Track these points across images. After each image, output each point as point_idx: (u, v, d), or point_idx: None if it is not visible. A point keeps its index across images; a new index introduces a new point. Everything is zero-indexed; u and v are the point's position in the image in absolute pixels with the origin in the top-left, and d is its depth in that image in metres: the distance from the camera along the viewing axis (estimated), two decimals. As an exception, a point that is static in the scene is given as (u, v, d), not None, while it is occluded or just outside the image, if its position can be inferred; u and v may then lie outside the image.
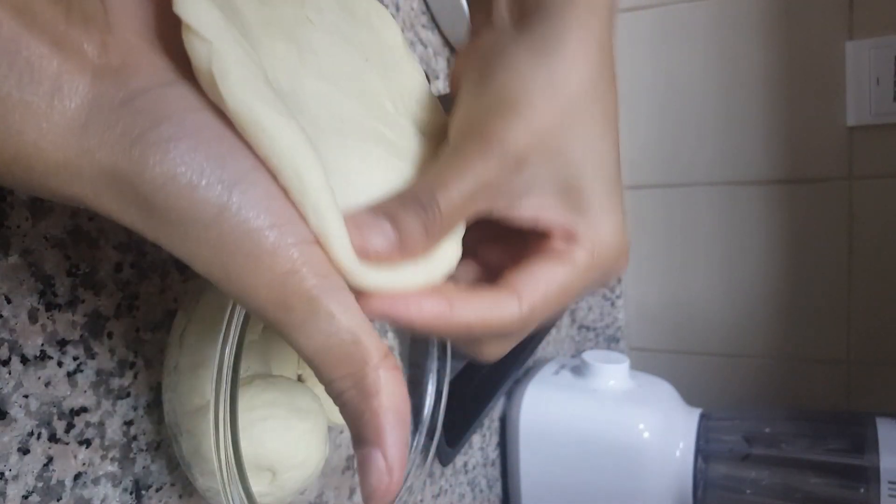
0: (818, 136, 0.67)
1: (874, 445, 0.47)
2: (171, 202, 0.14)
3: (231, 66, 0.14)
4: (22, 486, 0.20)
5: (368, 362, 0.15)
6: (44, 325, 0.21)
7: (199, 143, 0.14)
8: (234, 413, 0.20)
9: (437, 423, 0.31)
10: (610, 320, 0.77)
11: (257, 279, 0.14)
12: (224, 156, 0.14)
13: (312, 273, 0.14)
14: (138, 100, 0.14)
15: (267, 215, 0.14)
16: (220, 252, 0.14)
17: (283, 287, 0.14)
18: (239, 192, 0.14)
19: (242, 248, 0.14)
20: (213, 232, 0.14)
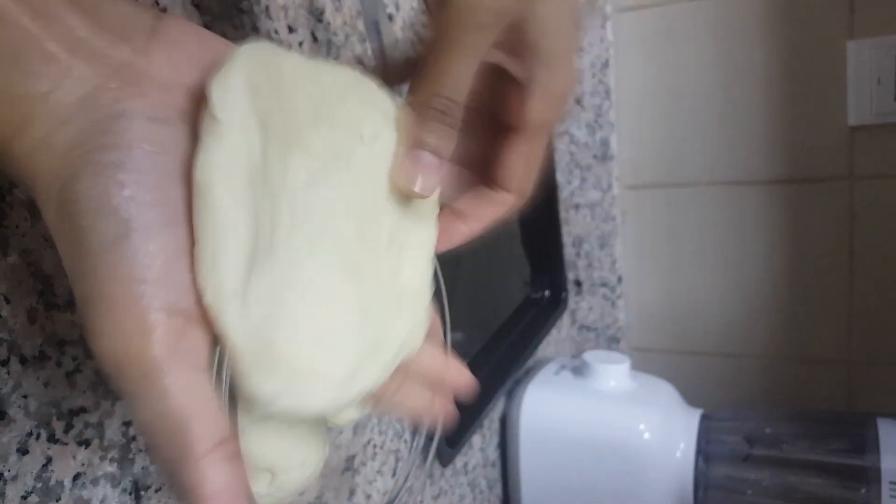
0: (819, 136, 0.67)
1: (875, 446, 0.47)
2: (76, 217, 0.14)
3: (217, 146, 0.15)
4: (21, 486, 0.20)
5: (191, 453, 0.14)
6: (43, 326, 0.21)
7: (133, 182, 0.14)
8: (233, 413, 0.20)
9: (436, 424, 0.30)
10: (610, 320, 0.77)
11: (105, 327, 0.13)
12: (147, 204, 0.14)
13: (162, 344, 0.14)
14: (119, 120, 0.14)
15: (149, 270, 0.14)
16: (89, 286, 0.14)
17: (125, 346, 0.13)
18: (137, 238, 0.14)
19: (107, 291, 0.14)
20: (88, 264, 0.14)
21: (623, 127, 0.75)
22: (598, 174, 0.74)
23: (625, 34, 0.73)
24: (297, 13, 0.33)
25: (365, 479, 0.37)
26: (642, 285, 0.78)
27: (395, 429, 0.41)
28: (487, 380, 0.54)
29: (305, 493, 0.29)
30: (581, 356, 0.59)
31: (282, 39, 0.32)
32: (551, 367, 0.61)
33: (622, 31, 0.73)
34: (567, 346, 0.76)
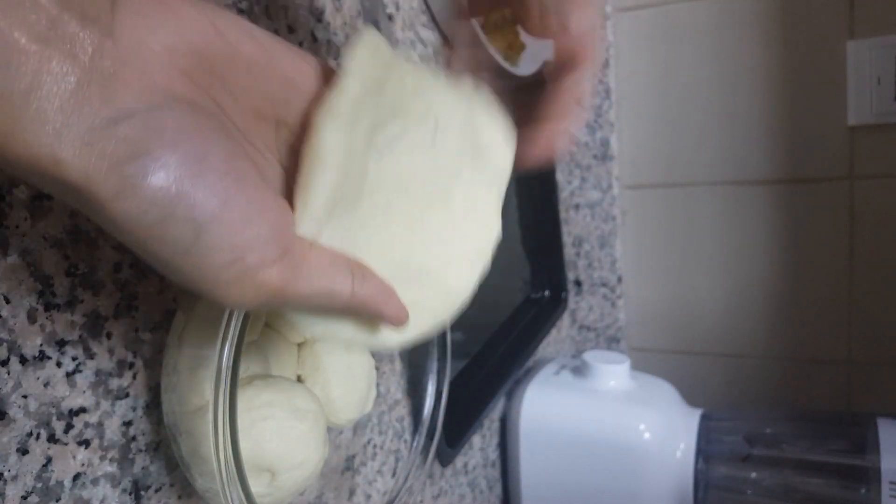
0: (819, 136, 0.67)
1: (875, 446, 0.47)
2: (138, 234, 0.14)
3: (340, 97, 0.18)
4: (21, 486, 0.20)
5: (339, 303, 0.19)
6: (43, 326, 0.21)
7: (174, 182, 0.14)
8: (233, 414, 0.20)
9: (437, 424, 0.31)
10: (610, 320, 0.77)
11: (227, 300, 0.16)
12: (198, 195, 0.15)
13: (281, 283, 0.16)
14: (122, 124, 0.13)
15: (234, 251, 0.15)
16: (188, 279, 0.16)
17: (252, 301, 0.16)
18: (210, 230, 0.15)
19: (209, 280, 0.16)
20: (176, 263, 0.15)
21: (623, 127, 0.75)
22: (598, 174, 0.74)
23: (625, 34, 0.73)
24: (296, 13, 0.33)
25: (365, 479, 0.37)
26: (642, 285, 0.78)
27: (395, 429, 0.41)
28: (487, 380, 0.54)
29: (305, 492, 0.29)
30: (581, 356, 0.59)
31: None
32: (551, 367, 0.61)
33: (622, 31, 0.73)
34: (567, 346, 0.76)
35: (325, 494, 0.31)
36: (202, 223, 0.15)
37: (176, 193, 0.14)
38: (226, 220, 0.15)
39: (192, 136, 0.15)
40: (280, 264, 0.16)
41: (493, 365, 0.56)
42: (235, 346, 0.21)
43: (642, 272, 0.77)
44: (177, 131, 0.14)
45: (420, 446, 0.29)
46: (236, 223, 0.15)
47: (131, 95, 0.14)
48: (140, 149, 0.14)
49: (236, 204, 0.15)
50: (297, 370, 0.29)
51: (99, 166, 0.13)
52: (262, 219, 0.16)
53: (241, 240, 0.15)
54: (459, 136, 0.22)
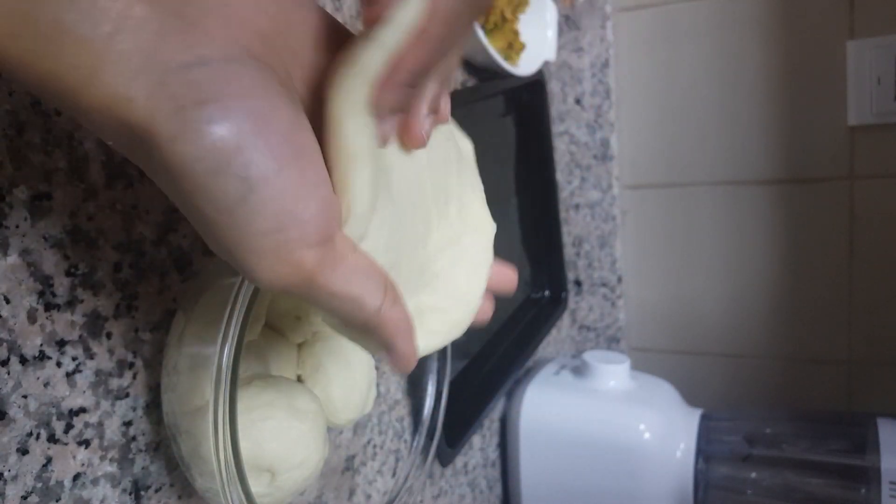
0: (819, 136, 0.67)
1: (875, 446, 0.47)
2: (191, 180, 0.14)
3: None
4: (21, 486, 0.20)
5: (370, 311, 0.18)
6: (43, 326, 0.21)
7: (235, 134, 0.14)
8: (233, 414, 0.20)
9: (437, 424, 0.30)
10: (610, 320, 0.77)
11: (261, 273, 0.15)
12: (255, 154, 0.14)
13: (314, 271, 0.16)
14: (195, 69, 0.14)
15: (280, 217, 0.15)
16: (231, 239, 0.15)
17: (285, 281, 0.16)
18: (261, 191, 0.14)
19: (251, 244, 0.15)
20: (223, 220, 0.15)
21: (623, 127, 0.75)
22: (598, 174, 0.74)
23: (625, 34, 0.73)
24: (296, 13, 0.33)
25: (365, 478, 0.37)
26: (642, 285, 0.78)
27: (395, 429, 0.41)
28: (487, 380, 0.54)
29: (305, 492, 0.29)
30: (581, 356, 0.59)
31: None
32: (551, 367, 0.61)
33: (622, 31, 0.73)
34: (567, 346, 0.76)
35: (325, 494, 0.31)
36: (254, 182, 0.14)
37: (235, 146, 0.14)
38: (277, 187, 0.15)
39: (262, 94, 0.15)
40: (320, 249, 0.16)
41: (493, 365, 0.56)
42: (235, 346, 0.21)
43: (642, 272, 0.77)
44: (248, 86, 0.14)
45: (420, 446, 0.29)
46: (287, 192, 0.15)
47: (210, 45, 0.14)
48: (209, 95, 0.14)
49: (291, 173, 0.15)
50: (297, 370, 0.29)
51: (167, 106, 0.13)
52: (314, 197, 0.15)
53: (288, 210, 0.15)
54: (445, 136, 0.22)
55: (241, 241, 0.15)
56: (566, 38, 0.72)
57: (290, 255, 0.15)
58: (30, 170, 0.20)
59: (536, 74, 0.61)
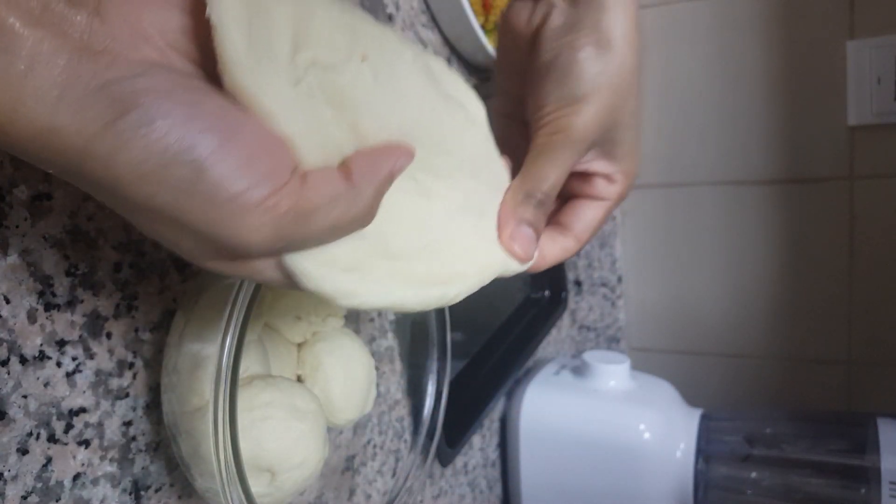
0: (819, 136, 0.67)
1: (875, 446, 0.47)
2: (146, 181, 0.14)
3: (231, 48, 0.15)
4: (21, 486, 0.20)
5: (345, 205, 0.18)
6: (43, 326, 0.21)
7: (167, 127, 0.14)
8: (233, 414, 0.20)
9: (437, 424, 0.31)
10: (610, 320, 0.77)
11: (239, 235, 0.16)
12: (196, 136, 0.15)
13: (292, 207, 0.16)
14: (114, 86, 0.14)
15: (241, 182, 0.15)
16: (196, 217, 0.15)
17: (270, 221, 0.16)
18: (211, 168, 0.15)
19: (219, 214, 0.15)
20: (183, 203, 0.15)
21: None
22: (598, 174, 0.74)
23: (625, 34, 0.73)
24: (296, 13, 0.33)
25: (365, 479, 0.37)
26: (642, 285, 0.78)
27: (395, 429, 0.41)
28: (487, 380, 0.54)
29: (305, 492, 0.29)
30: (581, 356, 0.59)
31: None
32: (551, 367, 0.61)
33: (622, 31, 0.73)
34: (567, 345, 0.76)
35: (324, 494, 0.31)
36: (202, 160, 0.15)
37: (172, 138, 0.14)
38: (227, 154, 0.15)
39: (183, 89, 0.15)
40: (288, 186, 0.16)
41: (493, 365, 0.56)
42: (235, 346, 0.21)
43: (642, 272, 0.77)
44: (164, 87, 0.15)
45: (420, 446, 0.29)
46: (239, 156, 0.15)
47: (119, 67, 0.15)
48: (129, 104, 0.14)
49: (236, 140, 0.15)
50: (297, 370, 0.29)
51: (93, 127, 0.14)
52: (264, 151, 0.16)
53: (245, 171, 0.15)
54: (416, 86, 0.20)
55: (215, 216, 0.15)
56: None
57: (265, 204, 0.16)
58: (30, 170, 0.20)
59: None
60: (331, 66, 0.17)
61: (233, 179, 0.15)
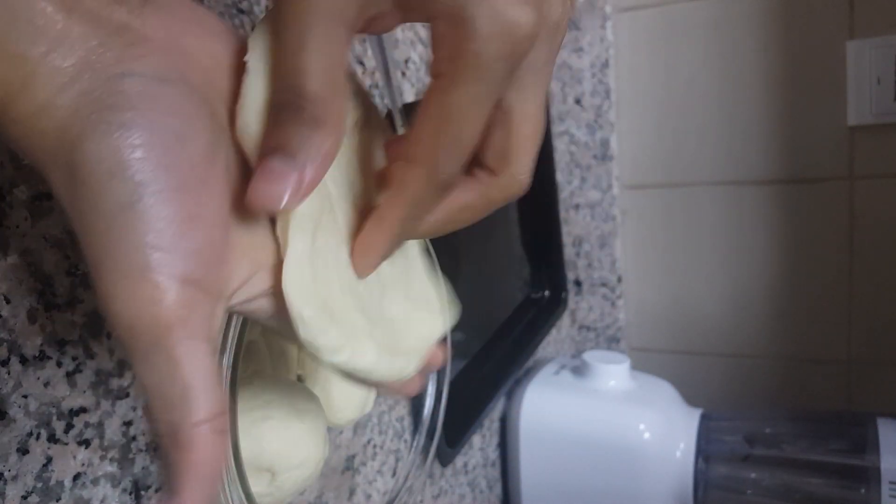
0: (819, 136, 0.67)
1: (875, 446, 0.47)
2: (87, 180, 0.13)
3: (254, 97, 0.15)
4: (21, 486, 0.20)
5: (188, 420, 0.14)
6: (43, 326, 0.21)
7: (145, 143, 0.14)
8: (233, 413, 0.20)
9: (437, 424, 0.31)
10: (610, 320, 0.77)
11: (118, 292, 0.14)
12: (159, 166, 0.14)
13: (173, 313, 0.14)
14: (124, 80, 0.14)
15: (163, 236, 0.14)
16: (102, 251, 0.14)
17: (138, 313, 0.14)
18: (151, 202, 0.14)
19: (120, 257, 0.14)
20: (101, 227, 0.14)
21: (623, 127, 0.75)
22: (597, 174, 0.74)
23: (625, 34, 0.73)
24: (296, 13, 0.33)
25: (365, 478, 0.37)
26: (642, 285, 0.78)
27: (395, 429, 0.41)
28: (487, 380, 0.54)
29: (305, 492, 0.29)
30: (581, 356, 0.59)
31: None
32: (551, 366, 0.61)
33: (622, 31, 0.73)
34: (567, 345, 0.76)
35: (325, 494, 0.32)
36: (146, 192, 0.14)
37: (140, 155, 0.14)
38: (169, 205, 0.14)
39: (185, 116, 0.14)
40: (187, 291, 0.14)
41: (493, 365, 0.56)
42: (236, 346, 0.21)
43: (642, 272, 0.77)
44: (173, 105, 0.14)
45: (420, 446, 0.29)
46: (178, 215, 0.14)
47: (145, 63, 0.14)
48: (130, 104, 0.14)
49: (188, 199, 0.14)
50: (297, 370, 0.29)
51: (86, 110, 0.13)
52: (203, 232, 0.14)
53: (171, 231, 0.14)
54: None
55: (111, 251, 0.14)
56: (566, 39, 0.72)
57: (158, 276, 0.14)
58: (30, 169, 0.20)
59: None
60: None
61: (156, 229, 0.14)
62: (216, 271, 0.15)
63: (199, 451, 0.14)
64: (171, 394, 0.14)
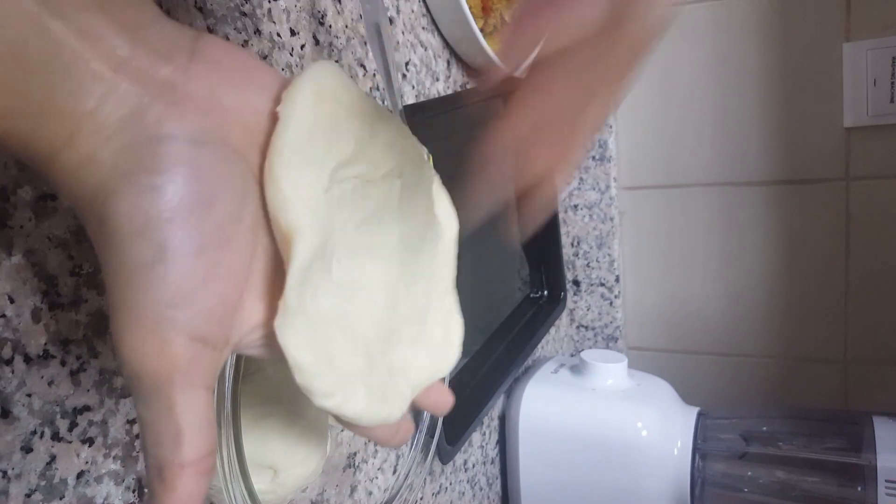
0: (815, 137, 0.68)
1: (871, 444, 0.48)
2: (115, 234, 0.14)
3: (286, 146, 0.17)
4: (25, 484, 0.21)
5: (177, 460, 0.15)
6: (47, 325, 0.21)
7: (171, 207, 0.14)
8: (236, 411, 0.20)
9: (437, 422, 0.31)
10: (608, 319, 0.78)
11: (129, 339, 0.15)
12: (182, 230, 0.14)
13: (177, 366, 0.15)
14: (162, 143, 0.14)
15: (177, 296, 0.15)
16: (121, 299, 0.15)
17: (144, 361, 0.15)
18: (170, 264, 0.14)
19: (135, 309, 0.14)
20: (123, 279, 0.14)
21: (621, 128, 0.75)
22: (596, 175, 0.74)
23: (623, 35, 0.73)
24: (298, 16, 0.33)
25: (366, 476, 0.38)
26: (640, 285, 0.78)
27: (394, 427, 0.41)
28: (487, 378, 0.54)
29: (307, 489, 0.30)
30: (579, 355, 0.59)
31: (284, 42, 0.32)
32: (550, 365, 0.61)
33: (620, 32, 0.73)
34: (565, 344, 0.77)
35: (326, 491, 0.32)
36: (168, 254, 0.14)
37: (166, 217, 0.14)
38: (188, 267, 0.15)
39: (215, 180, 0.15)
40: (197, 348, 0.15)
41: (493, 363, 0.56)
42: (238, 345, 0.21)
43: (640, 272, 0.78)
44: (204, 170, 0.15)
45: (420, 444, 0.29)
46: (195, 276, 0.15)
47: (183, 125, 0.15)
48: (163, 167, 0.14)
49: (208, 260, 0.15)
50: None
51: (123, 168, 0.14)
52: (219, 292, 0.15)
53: (187, 292, 0.15)
54: (422, 201, 0.22)
55: (128, 303, 0.14)
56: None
57: (168, 333, 0.15)
58: (34, 171, 0.21)
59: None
60: (371, 180, 0.19)
61: (173, 289, 0.14)
62: (226, 326, 0.16)
63: (180, 490, 0.15)
64: (164, 433, 0.15)
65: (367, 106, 0.19)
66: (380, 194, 0.20)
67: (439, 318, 0.23)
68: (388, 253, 0.21)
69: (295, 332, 0.17)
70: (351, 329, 0.19)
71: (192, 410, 0.15)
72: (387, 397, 0.20)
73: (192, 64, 0.15)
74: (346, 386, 0.18)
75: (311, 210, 0.17)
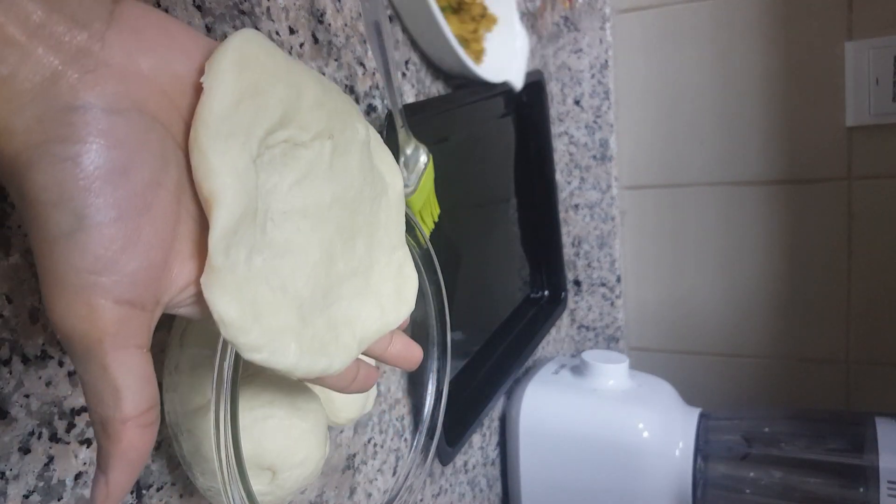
0: (817, 137, 0.68)
1: (873, 445, 0.47)
2: (33, 205, 0.14)
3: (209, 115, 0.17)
4: (23, 485, 0.21)
5: (118, 416, 0.16)
6: (45, 325, 0.21)
7: (84, 176, 0.14)
8: (234, 412, 0.20)
9: (437, 423, 0.31)
10: (609, 320, 0.78)
11: (57, 306, 0.15)
12: (99, 199, 0.15)
13: (104, 328, 0.15)
14: (75, 113, 0.14)
15: (98, 262, 0.15)
16: (46, 269, 0.15)
17: (73, 325, 0.15)
18: (89, 232, 0.15)
19: (60, 277, 0.15)
20: (46, 249, 0.15)
21: (622, 128, 0.75)
22: (597, 175, 0.74)
23: (624, 35, 0.73)
24: (297, 14, 0.33)
25: (366, 477, 0.38)
26: (641, 285, 0.78)
27: (395, 428, 0.41)
28: (487, 379, 0.54)
29: (306, 491, 0.29)
30: (580, 355, 0.59)
31: (283, 41, 0.32)
32: (551, 366, 0.61)
33: (622, 32, 0.73)
34: (566, 345, 0.76)
35: (325, 493, 0.32)
36: (85, 222, 0.15)
37: (81, 186, 0.14)
38: (108, 234, 0.15)
39: (131, 147, 0.15)
40: (124, 311, 0.15)
41: (493, 364, 0.56)
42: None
43: (641, 272, 0.77)
44: (119, 137, 0.15)
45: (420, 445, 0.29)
46: (116, 242, 0.15)
47: (98, 93, 0.15)
48: (77, 136, 0.14)
49: (127, 226, 0.15)
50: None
51: (37, 139, 0.14)
52: (141, 255, 0.15)
53: (109, 257, 0.15)
54: (355, 158, 0.22)
55: (52, 271, 0.15)
56: (565, 40, 0.72)
57: (92, 297, 0.15)
58: None
59: (535, 75, 0.61)
60: (301, 143, 0.20)
61: (94, 256, 0.15)
62: (152, 288, 0.16)
63: (125, 443, 0.16)
64: (103, 392, 0.16)
65: (292, 70, 0.19)
66: (311, 155, 0.20)
67: (389, 272, 0.24)
68: (322, 212, 0.21)
69: (221, 289, 0.17)
70: (282, 286, 0.19)
71: (126, 369, 0.16)
72: (327, 350, 0.20)
73: (110, 30, 0.15)
74: (274, 340, 0.18)
75: (237, 176, 0.17)
